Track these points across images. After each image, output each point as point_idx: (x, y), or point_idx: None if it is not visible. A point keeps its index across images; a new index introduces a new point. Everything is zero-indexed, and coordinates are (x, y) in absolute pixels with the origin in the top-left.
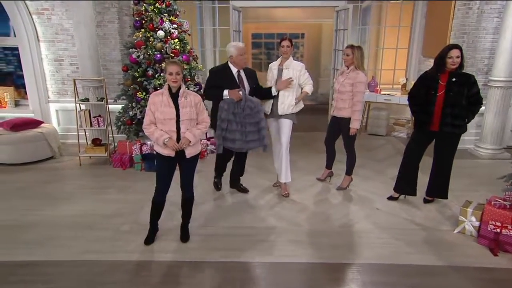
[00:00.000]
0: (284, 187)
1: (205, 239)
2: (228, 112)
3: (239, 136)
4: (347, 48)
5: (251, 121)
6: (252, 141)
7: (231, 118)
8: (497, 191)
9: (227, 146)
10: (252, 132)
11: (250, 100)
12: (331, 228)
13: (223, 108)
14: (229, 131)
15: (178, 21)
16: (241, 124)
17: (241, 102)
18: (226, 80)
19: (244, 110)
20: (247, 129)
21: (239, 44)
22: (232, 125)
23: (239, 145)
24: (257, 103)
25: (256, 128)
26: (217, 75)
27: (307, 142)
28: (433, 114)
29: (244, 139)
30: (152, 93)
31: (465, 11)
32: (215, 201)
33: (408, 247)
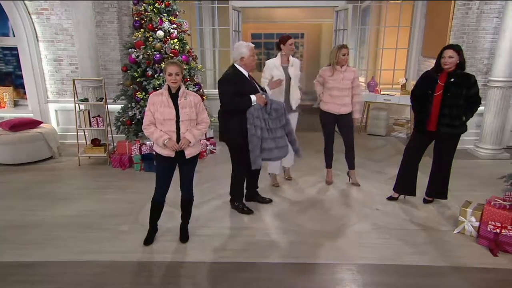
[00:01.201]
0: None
1: (204, 240)
2: (260, 119)
3: (272, 144)
4: (346, 49)
5: (279, 126)
6: (285, 146)
7: (263, 125)
8: (497, 191)
9: (265, 157)
10: (281, 137)
11: (275, 103)
12: (331, 229)
13: (254, 115)
14: (263, 140)
15: (177, 21)
16: (272, 131)
17: (267, 107)
18: (245, 86)
19: (270, 115)
20: (278, 134)
21: (250, 44)
22: (265, 133)
23: (277, 154)
24: (282, 105)
25: (283, 132)
26: (234, 82)
27: (306, 142)
28: (430, 114)
29: (278, 146)
30: (152, 93)
31: (464, 11)
32: (215, 202)
33: (408, 247)
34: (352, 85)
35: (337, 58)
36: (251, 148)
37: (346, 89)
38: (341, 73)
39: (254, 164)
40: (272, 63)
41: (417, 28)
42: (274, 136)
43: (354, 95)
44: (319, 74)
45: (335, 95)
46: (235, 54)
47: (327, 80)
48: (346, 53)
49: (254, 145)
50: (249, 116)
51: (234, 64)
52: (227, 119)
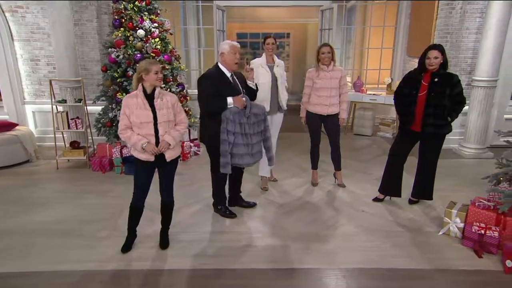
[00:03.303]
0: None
1: (185, 246)
2: (235, 123)
3: (245, 150)
4: (325, 47)
5: (257, 131)
6: (257, 153)
7: (237, 130)
8: (481, 191)
9: (234, 163)
10: (257, 144)
11: (255, 107)
12: (317, 232)
13: (229, 119)
14: (235, 145)
15: (159, 20)
16: (247, 136)
17: (245, 110)
18: (224, 86)
19: (249, 119)
20: (253, 140)
21: (234, 42)
22: (238, 138)
23: (247, 160)
24: (262, 109)
25: (260, 138)
26: (214, 81)
27: (292, 143)
28: (414, 114)
29: (250, 152)
30: (126, 95)
31: (448, 11)
32: (197, 205)
33: (394, 250)
34: (340, 84)
35: (318, 57)
36: (221, 152)
37: (334, 88)
38: (328, 73)
39: (223, 169)
40: (258, 62)
41: (402, 28)
42: (249, 142)
43: (341, 94)
44: (307, 76)
45: (323, 95)
46: (219, 52)
47: (315, 81)
48: (326, 52)
49: (224, 150)
50: (223, 119)
51: (218, 63)
52: (205, 120)
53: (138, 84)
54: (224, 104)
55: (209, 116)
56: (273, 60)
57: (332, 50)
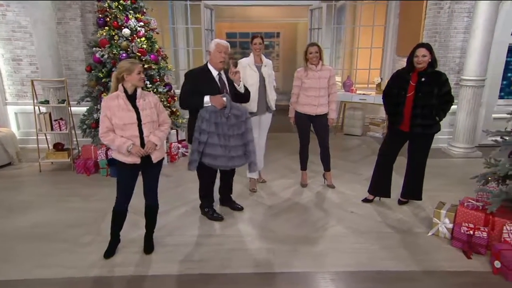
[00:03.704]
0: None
1: (171, 250)
2: (210, 122)
3: (221, 152)
4: (313, 47)
5: (236, 133)
6: (237, 157)
7: (212, 129)
8: (470, 191)
9: (207, 162)
10: (236, 147)
11: (236, 108)
12: (305, 234)
13: (204, 117)
14: (209, 145)
15: (144, 18)
16: (224, 137)
17: (225, 110)
18: (205, 85)
19: (228, 120)
20: (231, 143)
21: (221, 41)
22: (214, 138)
23: (221, 162)
24: (244, 110)
25: (241, 141)
26: (194, 79)
27: (281, 143)
28: (403, 114)
29: (228, 155)
30: (106, 97)
31: (436, 11)
32: (184, 208)
33: (383, 252)
34: (328, 84)
35: (306, 57)
36: (190, 149)
37: (323, 88)
38: (316, 72)
39: (189, 166)
40: (246, 62)
41: (391, 28)
42: (226, 143)
43: (330, 94)
44: (295, 76)
45: (311, 95)
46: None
47: (303, 81)
48: (314, 51)
49: (193, 148)
50: (199, 117)
51: (208, 62)
52: (189, 119)
53: (118, 85)
54: (199, 101)
55: (192, 115)
56: (261, 60)
57: (320, 50)
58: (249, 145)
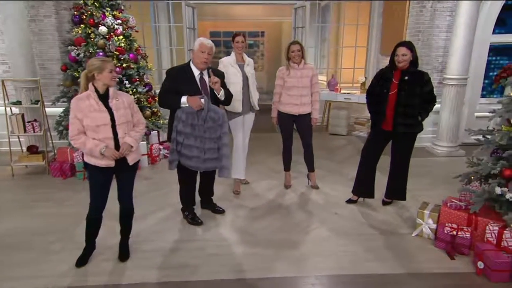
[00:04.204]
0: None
1: (148, 257)
2: (186, 123)
3: (196, 153)
4: (295, 45)
5: (212, 136)
6: (210, 159)
7: (188, 131)
8: (454, 190)
9: (183, 162)
10: (211, 150)
11: (213, 111)
12: (287, 237)
13: (180, 118)
14: (185, 145)
15: (122, 16)
16: (200, 139)
17: (202, 112)
18: (185, 84)
19: (205, 122)
20: (206, 145)
21: (205, 40)
22: (190, 139)
23: (195, 163)
24: (221, 114)
25: (216, 145)
26: (174, 77)
27: (265, 144)
28: (385, 113)
29: (202, 157)
30: (74, 98)
31: (419, 9)
32: (163, 212)
33: (366, 254)
34: (311, 83)
35: (288, 55)
36: (170, 149)
37: (306, 87)
38: (298, 71)
39: (169, 165)
40: (227, 61)
41: (375, 26)
42: (202, 146)
43: (313, 93)
44: (277, 75)
45: (294, 95)
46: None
47: (286, 79)
48: (296, 50)
49: (172, 148)
50: (176, 117)
51: (190, 60)
52: (169, 118)
53: (88, 84)
54: (176, 101)
55: (171, 115)
56: (243, 59)
57: (302, 48)
58: (223, 148)
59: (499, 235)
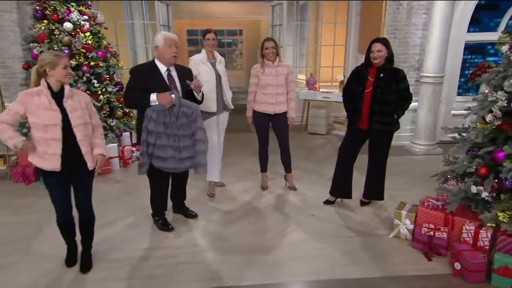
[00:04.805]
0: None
1: (113, 266)
2: (157, 122)
3: (171, 153)
4: (269, 42)
5: (186, 133)
6: (186, 158)
7: (160, 130)
8: (432, 189)
9: (156, 165)
10: (187, 148)
11: (185, 106)
12: (262, 242)
13: (151, 117)
14: (158, 146)
15: (89, 12)
16: (174, 138)
17: (173, 109)
18: (152, 82)
19: (178, 119)
20: (181, 143)
21: (168, 33)
22: (162, 139)
23: (171, 165)
24: (194, 108)
25: (191, 141)
26: (140, 76)
27: (241, 144)
28: (361, 111)
29: (178, 157)
30: (23, 92)
31: (396, 7)
32: (133, 217)
33: (343, 257)
34: (286, 81)
35: (262, 52)
36: (140, 152)
37: (281, 86)
38: (273, 69)
39: (139, 169)
40: (199, 59)
41: (353, 25)
42: (176, 144)
43: (289, 92)
44: (252, 73)
45: (269, 93)
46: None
47: (260, 78)
48: (270, 47)
49: (142, 151)
50: (145, 117)
51: (155, 57)
52: (137, 119)
53: (39, 80)
54: (145, 100)
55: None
56: (214, 57)
57: (276, 45)
58: (197, 144)
59: (476, 235)
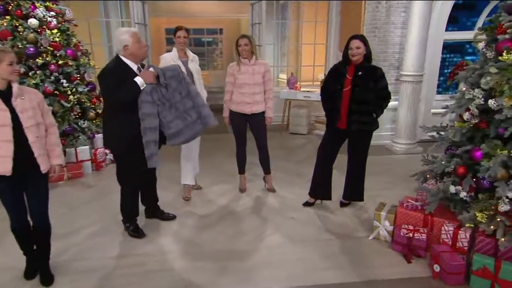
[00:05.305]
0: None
1: (77, 278)
2: (153, 103)
3: (181, 124)
4: (243, 39)
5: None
6: (197, 120)
7: (160, 109)
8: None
9: (175, 143)
10: (190, 110)
11: (167, 70)
12: (239, 246)
13: (148, 101)
14: (166, 125)
15: (57, 7)
16: (175, 108)
17: (160, 81)
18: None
19: (168, 87)
20: (183, 108)
21: (132, 29)
22: (166, 116)
23: (188, 134)
24: (175, 67)
25: (191, 101)
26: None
27: (219, 145)
28: (339, 110)
29: (189, 123)
30: None
31: (375, 6)
32: (102, 224)
33: (322, 261)
34: (264, 80)
35: (238, 50)
36: (144, 143)
37: (258, 84)
38: (249, 67)
39: (150, 162)
40: (169, 57)
41: (333, 23)
42: (180, 112)
43: (266, 91)
44: (228, 72)
45: (245, 92)
46: (116, 44)
47: (236, 76)
48: (243, 44)
49: (148, 141)
50: (141, 102)
51: (119, 56)
52: (110, 120)
53: None
54: (135, 85)
55: (115, 115)
56: (186, 55)
57: (251, 42)
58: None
59: (454, 236)
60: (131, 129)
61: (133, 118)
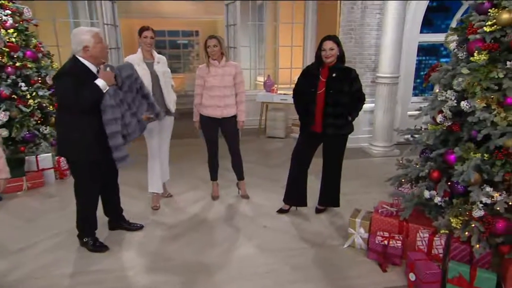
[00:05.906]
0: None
1: None
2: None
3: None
4: (211, 39)
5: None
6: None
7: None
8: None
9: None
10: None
11: (123, 69)
12: (208, 259)
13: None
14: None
15: (13, 6)
16: (130, 105)
17: (118, 81)
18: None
19: (123, 86)
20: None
21: (93, 29)
22: (127, 116)
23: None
24: (129, 66)
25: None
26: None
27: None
28: (314, 114)
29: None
30: None
31: (350, 7)
32: (58, 239)
33: (294, 273)
34: (235, 82)
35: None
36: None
37: (229, 87)
38: (219, 69)
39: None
40: (133, 59)
41: (310, 25)
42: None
43: (237, 94)
44: (197, 74)
45: (216, 95)
46: (74, 44)
47: (206, 79)
48: (212, 45)
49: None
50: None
51: (76, 57)
52: (65, 125)
53: None
54: (97, 89)
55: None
56: (152, 56)
57: (220, 43)
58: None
59: (430, 243)
60: (89, 133)
61: (91, 121)
